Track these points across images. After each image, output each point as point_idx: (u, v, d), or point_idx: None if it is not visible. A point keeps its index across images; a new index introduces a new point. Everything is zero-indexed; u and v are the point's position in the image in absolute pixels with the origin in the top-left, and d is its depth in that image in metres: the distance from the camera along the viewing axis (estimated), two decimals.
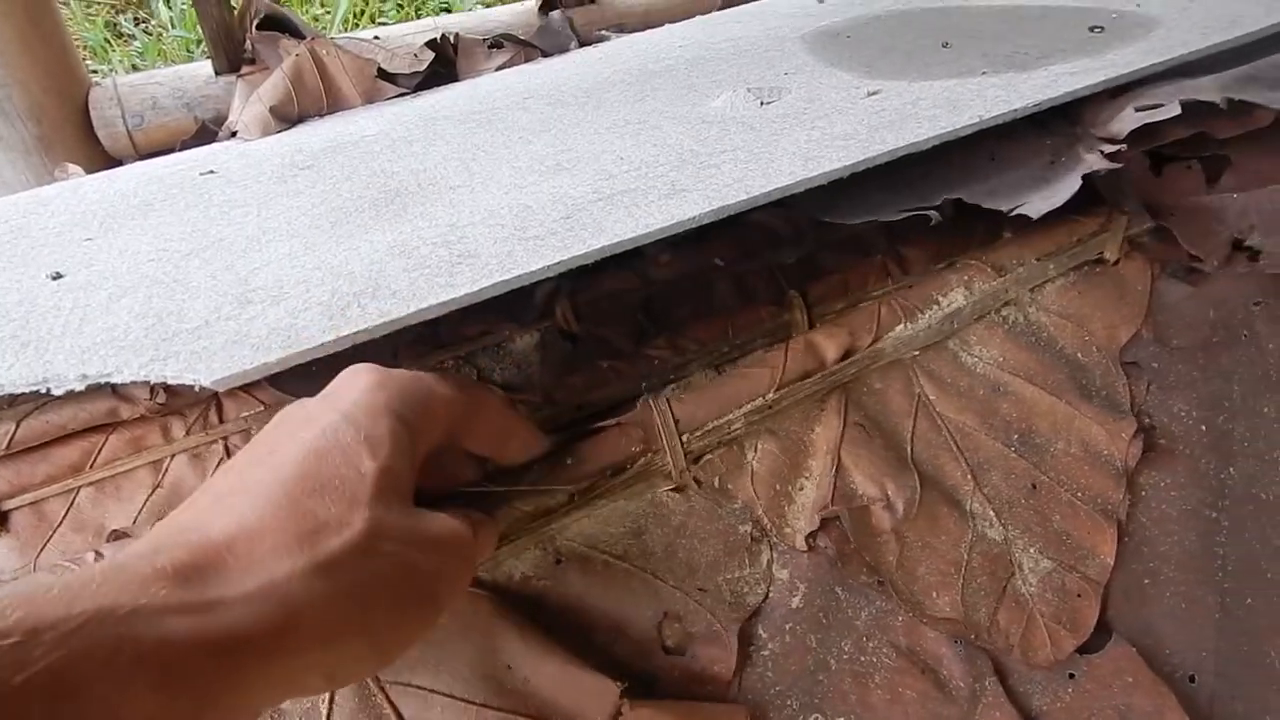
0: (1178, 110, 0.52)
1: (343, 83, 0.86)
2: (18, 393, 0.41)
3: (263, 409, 0.49)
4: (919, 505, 0.49)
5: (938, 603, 0.48)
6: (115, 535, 0.44)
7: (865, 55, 0.70)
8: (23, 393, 0.41)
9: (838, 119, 0.57)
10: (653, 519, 0.47)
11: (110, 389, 0.46)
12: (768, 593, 0.47)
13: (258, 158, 0.70)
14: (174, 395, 0.47)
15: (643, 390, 0.49)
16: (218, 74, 1.00)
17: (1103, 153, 0.53)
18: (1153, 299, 0.55)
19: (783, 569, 0.48)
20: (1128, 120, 0.54)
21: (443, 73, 0.91)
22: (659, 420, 0.47)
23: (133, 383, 0.41)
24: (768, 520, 0.48)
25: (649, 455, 0.46)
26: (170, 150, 0.82)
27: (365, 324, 0.40)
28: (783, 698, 0.46)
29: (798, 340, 0.50)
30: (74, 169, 0.80)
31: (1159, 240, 0.56)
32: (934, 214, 0.51)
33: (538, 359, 0.52)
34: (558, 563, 0.46)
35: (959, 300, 0.52)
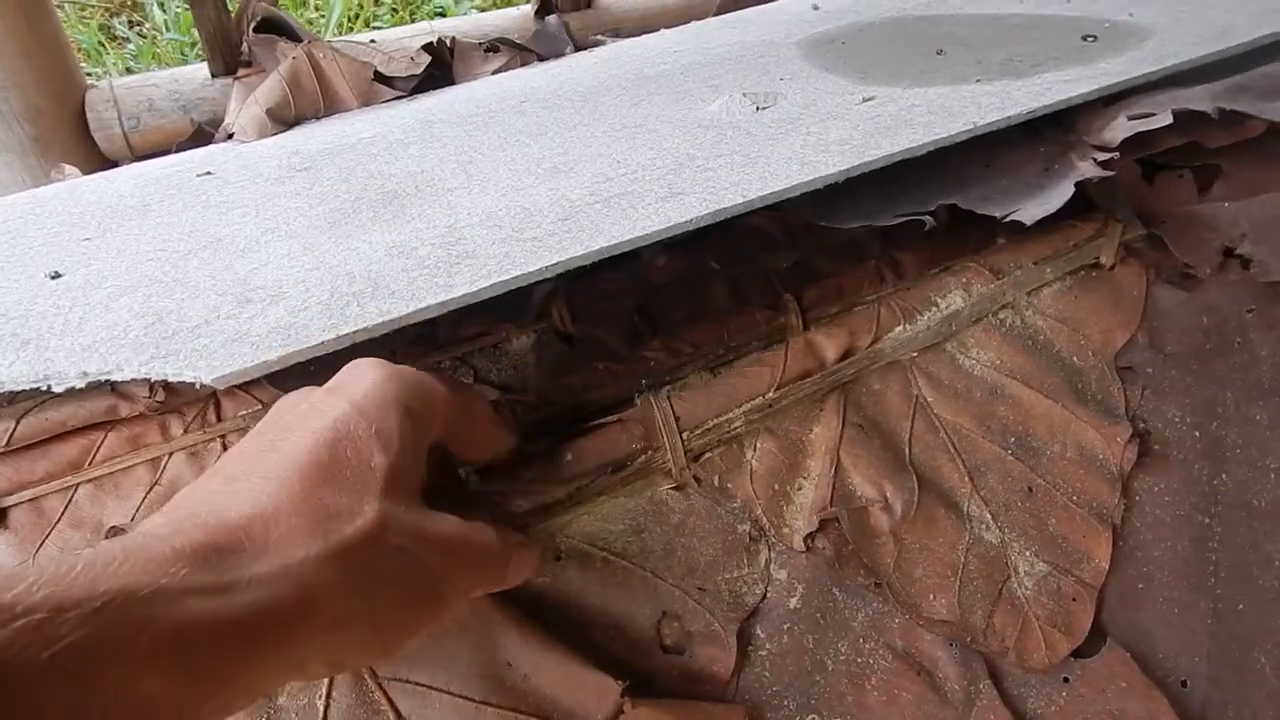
0: (1169, 119, 0.53)
1: (339, 85, 0.86)
2: (18, 390, 0.41)
3: (260, 407, 0.49)
4: (917, 507, 0.49)
5: (934, 605, 0.48)
6: (113, 531, 0.44)
7: (860, 62, 0.71)
8: (23, 390, 0.41)
9: (833, 124, 0.57)
10: (652, 517, 0.47)
11: (109, 387, 0.46)
12: (766, 593, 0.47)
13: (255, 159, 0.70)
14: (172, 394, 0.47)
15: (639, 390, 0.49)
16: (214, 76, 1.00)
17: (1096, 160, 0.54)
18: (1147, 305, 0.55)
19: (780, 569, 0.48)
20: (1120, 128, 0.54)
21: (439, 76, 0.91)
22: (660, 417, 0.47)
23: (132, 380, 0.41)
24: (766, 520, 0.48)
25: (649, 453, 0.47)
26: (166, 152, 0.82)
27: (365, 323, 0.41)
28: (780, 698, 0.46)
29: (798, 340, 0.50)
30: (70, 170, 0.80)
31: (1154, 246, 0.56)
32: (928, 219, 0.51)
33: (534, 360, 0.53)
34: (557, 559, 0.46)
35: (957, 303, 0.53)
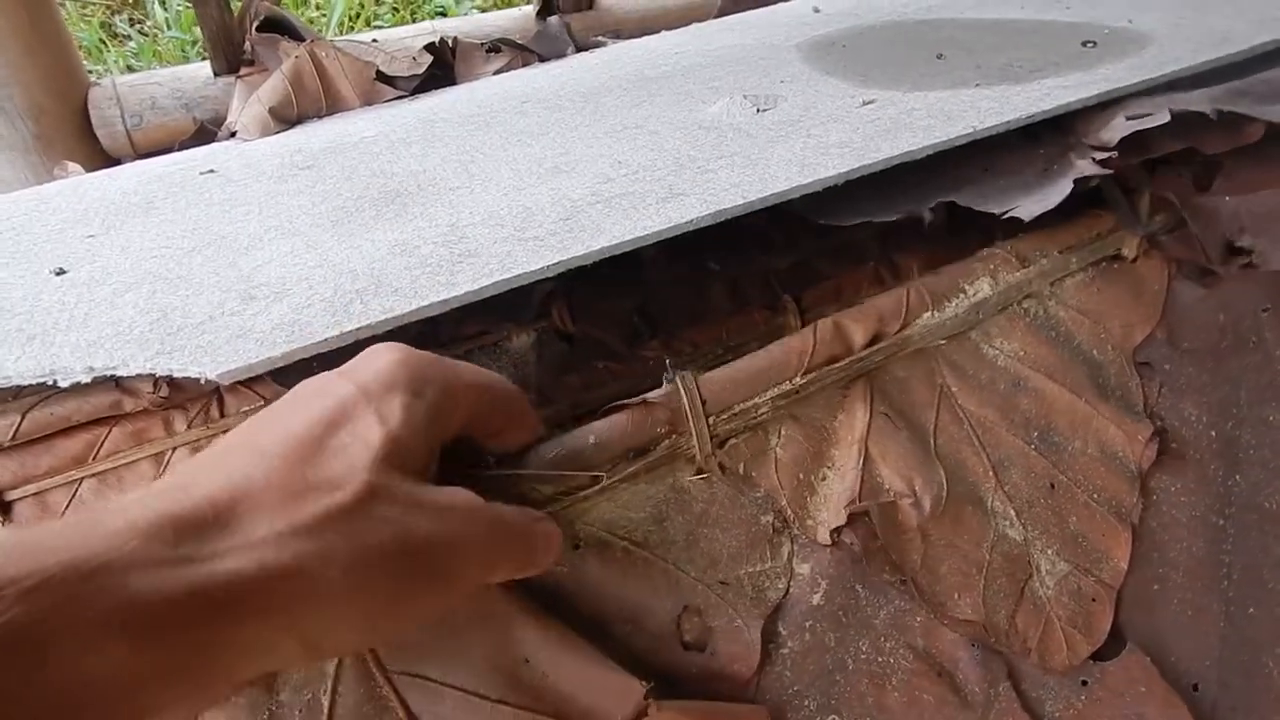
0: (1167, 117, 0.52)
1: (342, 85, 0.87)
2: (24, 385, 0.41)
3: (263, 403, 0.49)
4: (944, 503, 0.48)
5: (959, 604, 0.47)
6: None
7: (860, 65, 0.71)
8: (28, 385, 0.41)
9: (833, 127, 0.57)
10: (674, 505, 0.45)
11: (114, 383, 0.46)
12: (788, 588, 0.46)
13: (257, 158, 0.70)
14: (176, 389, 0.47)
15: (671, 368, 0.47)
16: (216, 75, 1.01)
17: (1094, 159, 0.54)
18: (1167, 299, 0.55)
19: (803, 563, 0.46)
20: (1118, 128, 0.54)
21: (440, 76, 0.91)
22: (686, 400, 0.44)
23: (137, 376, 0.41)
24: (790, 510, 0.46)
25: (674, 437, 0.44)
26: (169, 150, 0.82)
27: (368, 320, 0.41)
28: (800, 698, 0.45)
29: (826, 323, 0.48)
30: (74, 167, 0.81)
31: (1176, 240, 0.56)
32: (927, 215, 0.51)
33: (534, 359, 0.53)
34: (576, 548, 0.44)
35: (985, 290, 0.51)
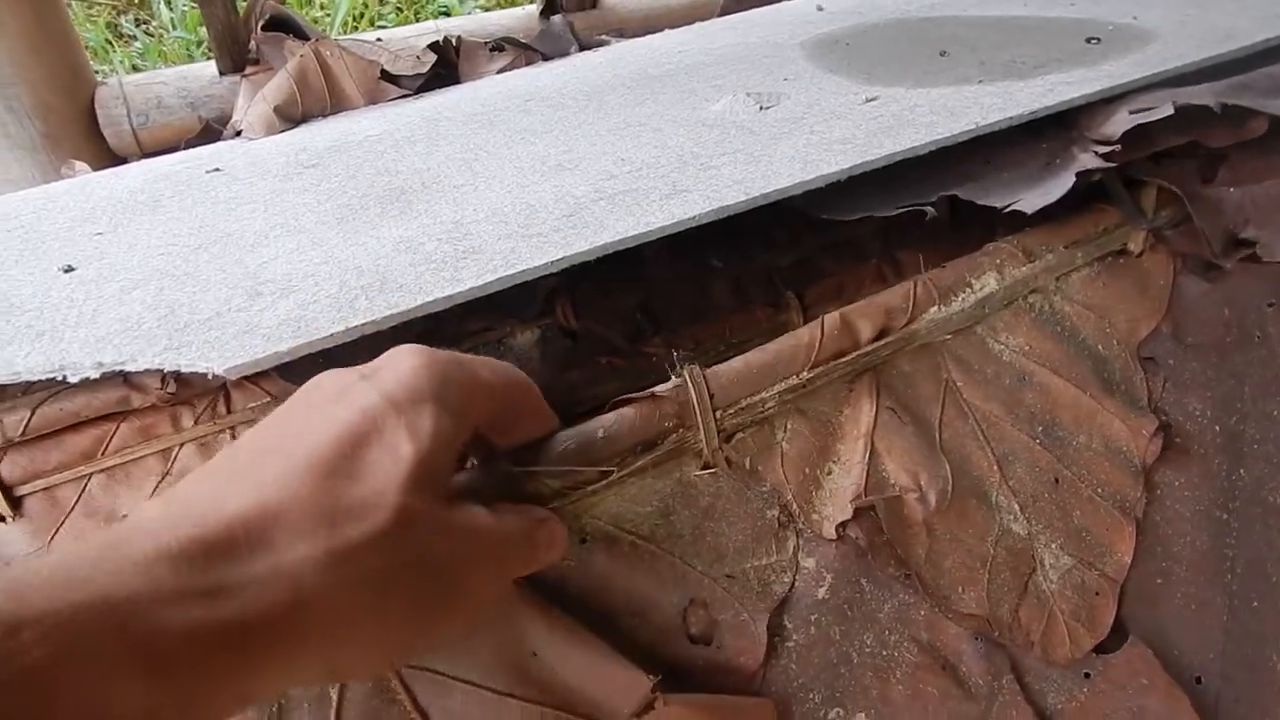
0: (1170, 111, 0.52)
1: (346, 84, 0.87)
2: (34, 380, 0.42)
3: (269, 400, 0.49)
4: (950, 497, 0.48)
5: (964, 598, 0.48)
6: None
7: (863, 62, 0.71)
8: (38, 381, 0.42)
9: (836, 124, 0.58)
10: (681, 499, 0.45)
11: (122, 379, 0.47)
12: (794, 582, 0.46)
13: (263, 156, 0.71)
14: (184, 385, 0.48)
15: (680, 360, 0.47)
16: (222, 74, 1.01)
17: (1097, 153, 0.54)
18: (1172, 294, 0.55)
19: (809, 557, 0.47)
20: (1121, 122, 0.55)
21: (444, 75, 0.92)
22: (694, 394, 0.44)
23: (145, 371, 0.42)
24: (796, 505, 0.47)
25: (681, 431, 0.44)
26: (175, 149, 0.83)
27: (373, 316, 0.41)
28: (805, 690, 0.45)
29: (833, 317, 0.48)
30: (81, 166, 0.81)
31: (1182, 235, 0.56)
32: (930, 209, 0.51)
33: (538, 355, 0.53)
34: (583, 542, 0.44)
35: (991, 284, 0.51)
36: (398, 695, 0.40)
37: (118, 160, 1.00)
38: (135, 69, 2.25)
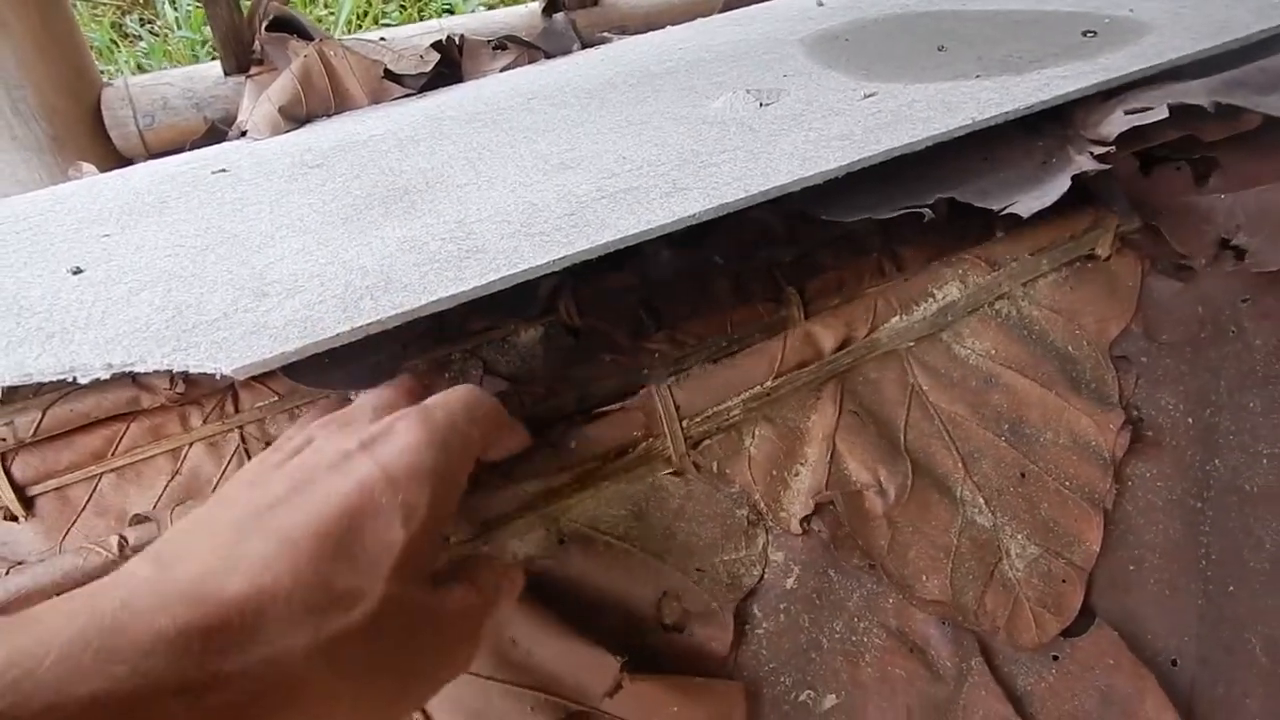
0: (1165, 113, 0.53)
1: (350, 83, 0.88)
2: (45, 381, 0.42)
3: (276, 399, 0.50)
4: (911, 492, 0.50)
5: (927, 585, 0.50)
6: (137, 519, 0.46)
7: (862, 58, 0.72)
8: (49, 382, 0.43)
9: (835, 120, 0.58)
10: (653, 502, 0.48)
11: (131, 379, 0.48)
12: (763, 574, 0.49)
13: (268, 157, 0.71)
14: (192, 385, 0.48)
15: (642, 380, 0.50)
16: (227, 75, 1.02)
17: (1092, 154, 0.55)
18: (1142, 294, 0.56)
19: (778, 551, 0.49)
20: (1117, 123, 0.55)
21: (447, 74, 0.92)
22: (660, 406, 0.48)
23: (154, 372, 0.42)
24: (764, 505, 0.49)
25: (650, 440, 0.48)
26: (181, 149, 0.83)
27: (378, 315, 0.42)
28: (776, 674, 0.48)
29: (796, 331, 0.51)
30: (88, 167, 0.82)
31: (1149, 237, 0.57)
32: (927, 211, 0.52)
33: (542, 352, 0.54)
34: (561, 543, 0.47)
35: (953, 294, 0.53)
36: None
37: (124, 161, 1.00)
38: (140, 69, 2.26)
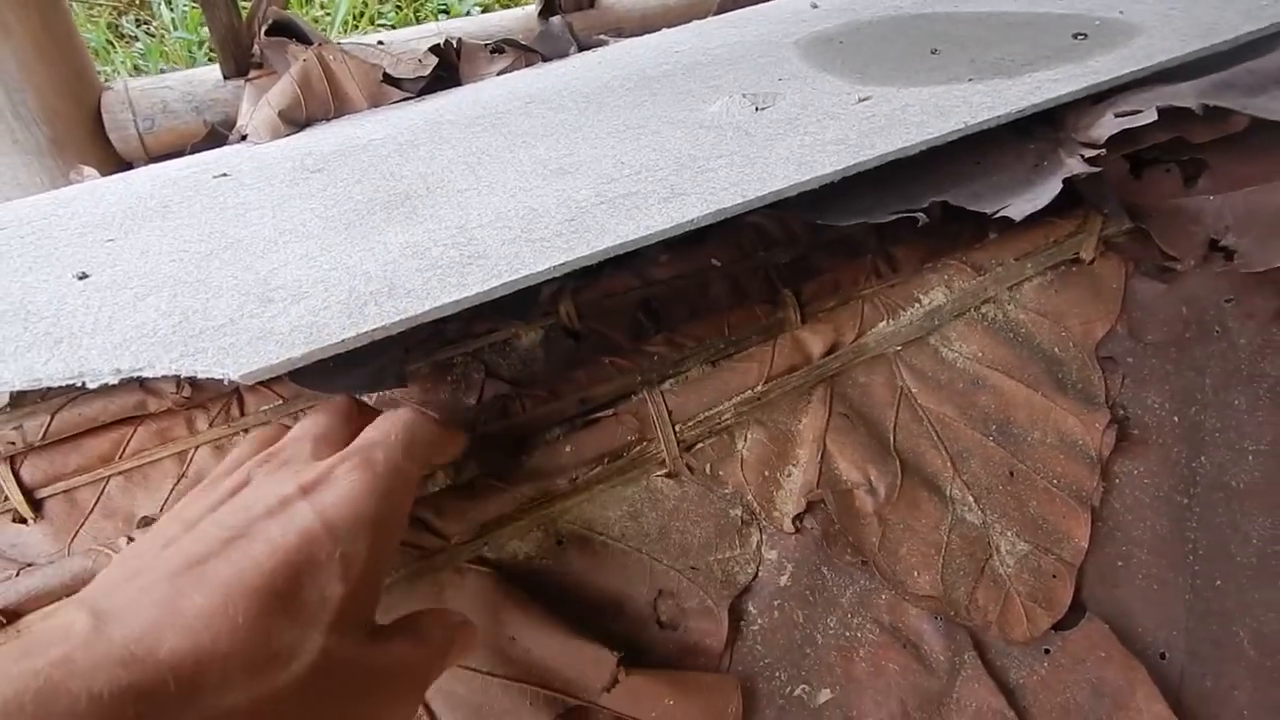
0: (1154, 116, 0.54)
1: (349, 87, 0.88)
2: (53, 386, 0.43)
3: (281, 402, 0.51)
4: (900, 490, 0.51)
5: (918, 581, 0.51)
6: (144, 521, 0.47)
7: (857, 61, 0.73)
8: (57, 386, 0.43)
9: (830, 124, 0.59)
10: (648, 503, 0.50)
11: (138, 384, 0.48)
12: (757, 572, 0.50)
13: (269, 161, 0.72)
14: (198, 389, 0.49)
15: (637, 385, 0.51)
16: (226, 78, 1.02)
17: (1083, 157, 0.55)
18: (1127, 296, 0.57)
19: (771, 549, 0.50)
20: (1107, 125, 0.56)
21: (446, 77, 0.93)
22: (654, 411, 0.49)
23: (162, 377, 0.43)
24: (757, 505, 0.50)
25: (644, 444, 0.49)
26: (180, 153, 0.84)
27: (383, 321, 0.42)
28: (771, 669, 0.49)
29: (785, 336, 0.52)
30: (89, 171, 0.82)
31: (1134, 240, 0.58)
32: (921, 215, 0.53)
33: (542, 355, 0.55)
34: (558, 544, 0.48)
35: (940, 298, 0.55)
36: None
37: (124, 165, 1.01)
38: (137, 69, 2.26)
